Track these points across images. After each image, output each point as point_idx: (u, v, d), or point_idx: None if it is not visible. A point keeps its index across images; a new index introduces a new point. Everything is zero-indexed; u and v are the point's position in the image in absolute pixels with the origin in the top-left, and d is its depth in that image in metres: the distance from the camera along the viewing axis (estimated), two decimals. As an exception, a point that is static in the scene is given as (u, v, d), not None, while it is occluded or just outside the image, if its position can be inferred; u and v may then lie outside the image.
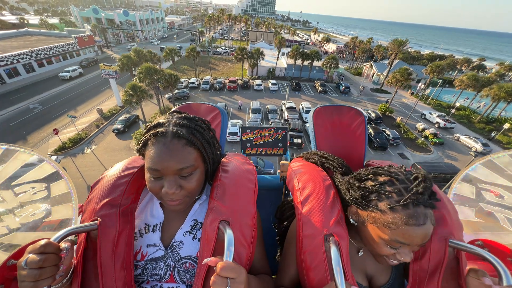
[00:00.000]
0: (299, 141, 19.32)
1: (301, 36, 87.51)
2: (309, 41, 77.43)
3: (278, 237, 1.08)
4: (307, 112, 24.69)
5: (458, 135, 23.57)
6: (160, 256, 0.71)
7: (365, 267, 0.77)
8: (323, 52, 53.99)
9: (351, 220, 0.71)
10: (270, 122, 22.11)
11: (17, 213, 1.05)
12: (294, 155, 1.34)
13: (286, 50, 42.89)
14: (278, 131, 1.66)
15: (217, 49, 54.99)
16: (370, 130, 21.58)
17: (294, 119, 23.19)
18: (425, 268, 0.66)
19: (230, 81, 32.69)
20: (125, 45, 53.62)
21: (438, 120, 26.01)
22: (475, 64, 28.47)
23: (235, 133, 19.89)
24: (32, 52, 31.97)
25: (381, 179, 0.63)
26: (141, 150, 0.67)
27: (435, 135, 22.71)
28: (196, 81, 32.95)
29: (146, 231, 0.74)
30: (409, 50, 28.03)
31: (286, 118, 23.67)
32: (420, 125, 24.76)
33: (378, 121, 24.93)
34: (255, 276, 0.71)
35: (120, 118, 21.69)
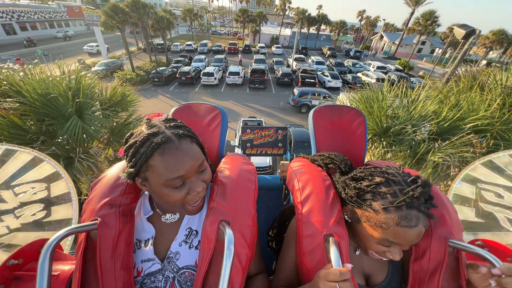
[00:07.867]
0: (312, 80, 16.42)
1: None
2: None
3: (271, 242, 1.06)
4: (318, 63, 21.93)
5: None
6: (157, 270, 0.69)
7: (362, 266, 0.77)
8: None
9: (346, 217, 0.71)
10: (276, 71, 19.22)
11: (17, 213, 1.07)
12: (295, 155, 1.33)
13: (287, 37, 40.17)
14: (278, 131, 1.66)
15: (216, 30, 52.56)
16: (393, 77, 18.73)
17: (304, 65, 20.38)
18: (425, 268, 0.66)
19: (230, 43, 29.91)
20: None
21: (465, 74, 23.10)
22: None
23: (237, 73, 16.97)
24: (13, 12, 29.19)
25: (377, 179, 0.64)
26: (141, 171, 0.59)
27: None
28: (194, 43, 30.17)
29: (139, 246, 0.71)
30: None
31: (294, 68, 20.82)
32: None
33: (399, 72, 22.13)
34: (252, 278, 0.76)
35: None
